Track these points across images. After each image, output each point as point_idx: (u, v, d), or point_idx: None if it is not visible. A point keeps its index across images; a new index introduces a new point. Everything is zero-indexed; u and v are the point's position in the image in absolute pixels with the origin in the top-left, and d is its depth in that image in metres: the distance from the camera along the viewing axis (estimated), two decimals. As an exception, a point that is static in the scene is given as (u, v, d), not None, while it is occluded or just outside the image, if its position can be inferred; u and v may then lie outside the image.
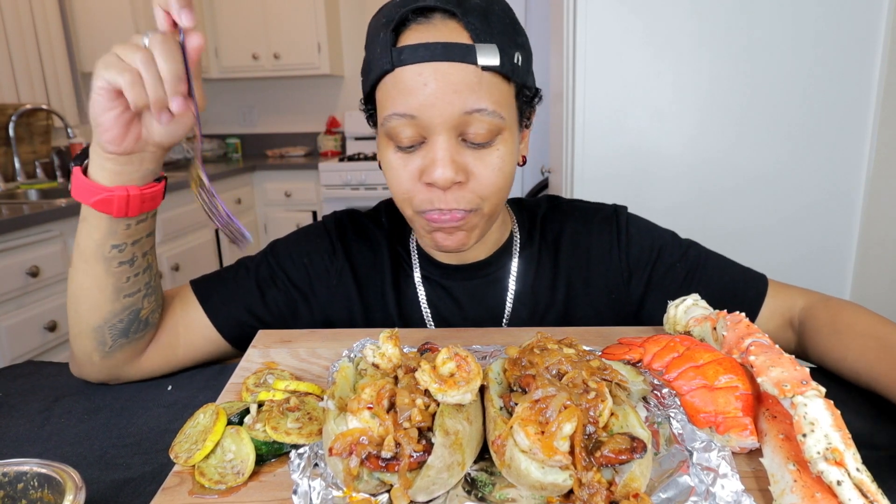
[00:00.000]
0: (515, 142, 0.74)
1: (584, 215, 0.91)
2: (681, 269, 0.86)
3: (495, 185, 0.71)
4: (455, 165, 0.68)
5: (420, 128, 0.68)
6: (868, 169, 1.66)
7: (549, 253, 0.89)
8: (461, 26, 0.67)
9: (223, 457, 0.52)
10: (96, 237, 0.68)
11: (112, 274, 0.70)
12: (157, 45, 0.58)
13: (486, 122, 0.68)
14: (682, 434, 0.51)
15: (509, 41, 0.68)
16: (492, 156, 0.70)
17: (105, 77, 0.58)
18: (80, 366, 0.76)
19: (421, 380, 0.48)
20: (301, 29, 3.94)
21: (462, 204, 0.71)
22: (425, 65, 0.66)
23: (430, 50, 0.65)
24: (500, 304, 0.87)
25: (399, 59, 0.66)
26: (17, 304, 1.99)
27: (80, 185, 0.66)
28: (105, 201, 0.65)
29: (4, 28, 2.63)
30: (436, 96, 0.66)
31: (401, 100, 0.67)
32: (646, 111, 1.72)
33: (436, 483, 0.44)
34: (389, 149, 0.72)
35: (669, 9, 1.63)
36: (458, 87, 0.66)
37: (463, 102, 0.66)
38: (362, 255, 0.89)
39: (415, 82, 0.66)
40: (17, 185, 2.69)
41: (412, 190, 0.72)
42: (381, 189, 3.76)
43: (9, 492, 0.45)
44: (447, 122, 0.67)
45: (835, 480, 0.41)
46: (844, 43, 1.60)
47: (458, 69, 0.66)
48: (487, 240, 0.86)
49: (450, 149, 0.68)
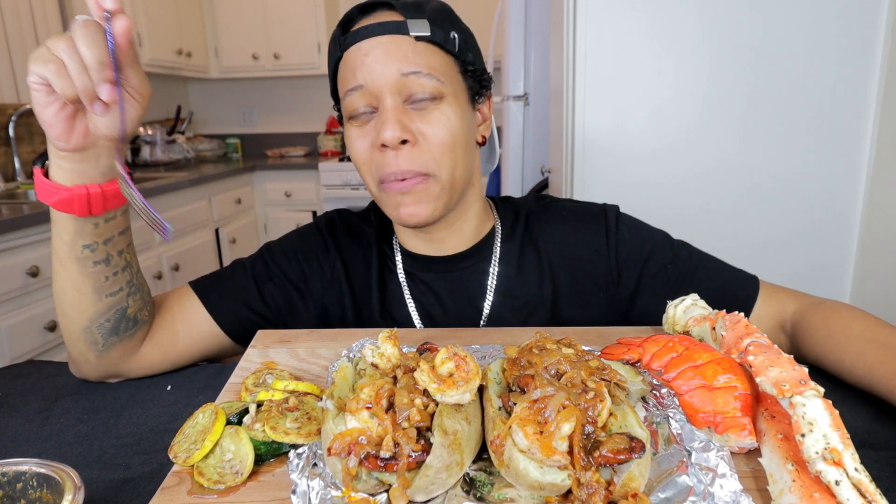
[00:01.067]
0: (465, 111, 0.80)
1: (572, 214, 0.91)
2: (672, 269, 0.86)
3: (443, 143, 0.76)
4: (401, 125, 0.74)
5: (369, 97, 0.75)
6: (868, 170, 1.66)
7: (533, 249, 0.89)
8: (397, 13, 0.76)
9: (222, 457, 0.52)
10: (66, 238, 0.68)
11: (88, 275, 0.70)
12: (78, 32, 0.56)
13: (424, 83, 0.75)
14: (681, 434, 0.51)
15: (442, 21, 0.77)
16: (435, 114, 0.76)
17: (33, 70, 0.58)
18: (78, 365, 0.76)
19: (420, 380, 0.48)
20: (301, 29, 3.95)
21: (414, 165, 0.75)
22: (365, 41, 0.75)
23: (368, 29, 0.75)
24: (480, 296, 0.87)
25: (345, 43, 0.77)
26: (17, 304, 1.99)
27: (42, 186, 0.66)
28: (66, 201, 0.65)
29: (4, 28, 2.63)
30: (375, 61, 0.74)
31: (349, 76, 0.76)
32: (646, 111, 1.72)
33: (434, 483, 0.44)
34: (351, 128, 0.79)
35: (670, 9, 1.63)
36: (395, 53, 0.74)
37: (399, 65, 0.74)
38: (352, 253, 0.91)
39: (358, 57, 0.75)
40: (17, 185, 2.69)
41: (370, 159, 0.78)
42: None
43: (8, 492, 0.45)
44: (389, 85, 0.74)
45: (833, 480, 0.41)
46: (845, 43, 1.60)
47: (394, 39, 0.74)
48: (466, 231, 0.88)
49: (395, 109, 0.74)
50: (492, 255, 0.89)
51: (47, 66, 0.57)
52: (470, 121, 0.82)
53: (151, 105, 3.97)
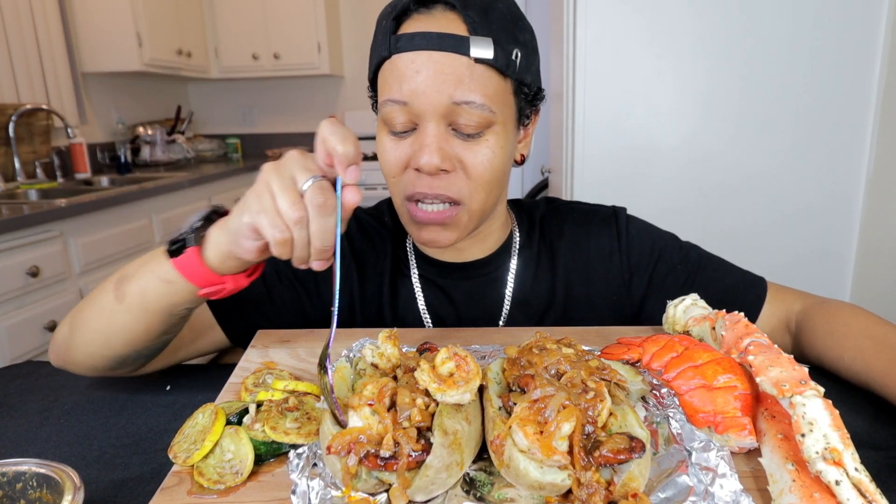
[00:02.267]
0: (509, 138, 0.75)
1: (584, 217, 0.91)
2: (681, 270, 0.86)
3: (482, 177, 0.72)
4: (442, 153, 0.69)
5: (412, 114, 0.70)
6: (868, 168, 1.66)
7: (548, 255, 0.89)
8: (460, 19, 0.68)
9: (222, 457, 0.52)
10: (175, 300, 0.64)
11: (168, 323, 0.68)
12: (315, 208, 0.53)
13: (475, 114, 0.69)
14: (681, 434, 0.51)
15: (508, 37, 0.70)
16: (480, 146, 0.71)
17: (255, 222, 0.55)
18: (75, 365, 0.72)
19: (420, 379, 0.48)
20: (301, 29, 3.94)
21: (448, 191, 0.72)
22: (419, 53, 0.68)
23: (425, 39, 0.68)
24: (497, 305, 0.87)
25: (396, 46, 0.69)
26: (17, 304, 1.99)
27: (193, 268, 0.61)
28: (213, 292, 0.63)
29: (4, 28, 2.63)
30: (426, 84, 0.68)
31: (395, 86, 0.70)
32: (646, 111, 1.72)
33: (434, 483, 0.44)
34: (384, 133, 0.74)
35: (670, 9, 1.63)
36: (448, 77, 0.67)
37: (452, 92, 0.68)
38: (365, 255, 0.89)
39: (408, 70, 0.68)
40: (17, 185, 2.69)
41: (400, 173, 0.74)
42: (381, 189, 3.76)
43: (7, 492, 0.45)
44: (436, 111, 0.69)
45: (833, 480, 0.41)
46: (845, 43, 1.60)
47: (451, 59, 0.67)
48: (487, 239, 0.86)
49: (438, 136, 0.69)
50: (509, 263, 0.87)
51: (273, 230, 0.54)
52: (513, 146, 0.77)
53: (151, 105, 3.97)
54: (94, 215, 2.34)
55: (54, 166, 2.94)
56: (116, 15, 3.17)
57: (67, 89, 3.02)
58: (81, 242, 2.27)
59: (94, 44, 3.22)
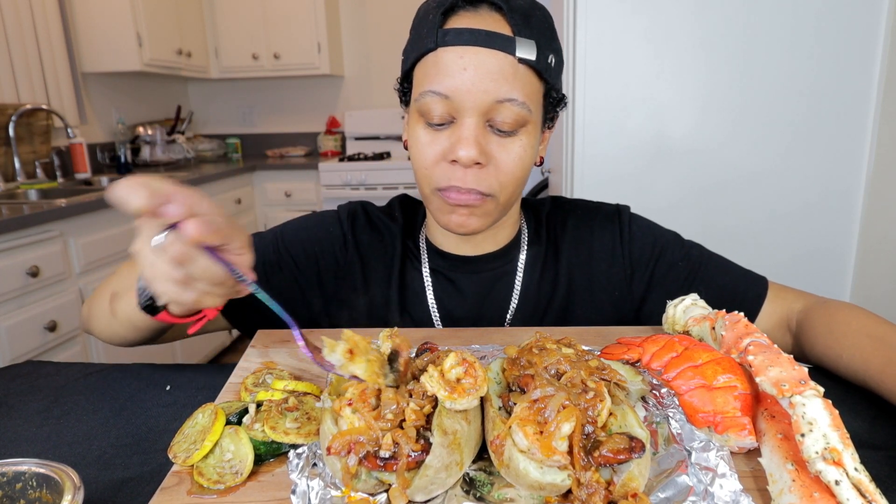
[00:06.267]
0: (537, 138, 0.77)
1: (587, 213, 0.92)
2: (683, 268, 0.87)
3: (513, 173, 0.75)
4: (479, 147, 0.71)
5: (452, 108, 0.72)
6: (868, 167, 1.66)
7: (553, 251, 0.90)
8: (504, 20, 0.71)
9: (222, 457, 0.52)
10: (162, 326, 0.73)
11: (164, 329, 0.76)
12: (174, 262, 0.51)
13: (515, 111, 0.71)
14: (681, 434, 0.51)
15: (546, 42, 0.73)
16: (514, 144, 0.74)
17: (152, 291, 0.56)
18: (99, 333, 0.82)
19: (429, 385, 0.48)
20: (301, 29, 3.94)
21: (480, 186, 0.74)
22: (467, 48, 0.70)
23: (474, 35, 0.70)
24: (505, 299, 0.88)
25: (444, 39, 0.71)
26: (17, 304, 1.99)
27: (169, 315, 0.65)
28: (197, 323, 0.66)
29: (4, 28, 2.63)
30: (472, 82, 0.70)
31: (438, 79, 0.71)
32: (646, 111, 1.72)
33: (434, 483, 0.44)
34: (419, 125, 0.75)
35: (670, 9, 1.63)
36: (494, 75, 0.70)
37: (497, 90, 0.70)
38: (373, 248, 0.90)
39: (455, 65, 0.70)
40: (17, 185, 2.69)
41: (434, 166, 0.75)
42: (382, 189, 3.76)
43: (7, 492, 0.45)
44: (479, 107, 0.71)
45: (833, 480, 0.41)
46: (845, 42, 1.60)
47: (497, 58, 0.70)
48: (498, 234, 0.88)
49: (476, 131, 0.71)
50: (518, 258, 0.89)
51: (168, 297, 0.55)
52: (538, 146, 0.80)
53: (151, 105, 3.97)
54: (94, 215, 2.34)
55: (54, 166, 2.94)
56: (116, 15, 3.17)
57: (67, 89, 3.02)
58: (81, 242, 2.27)
59: (94, 44, 3.22)
